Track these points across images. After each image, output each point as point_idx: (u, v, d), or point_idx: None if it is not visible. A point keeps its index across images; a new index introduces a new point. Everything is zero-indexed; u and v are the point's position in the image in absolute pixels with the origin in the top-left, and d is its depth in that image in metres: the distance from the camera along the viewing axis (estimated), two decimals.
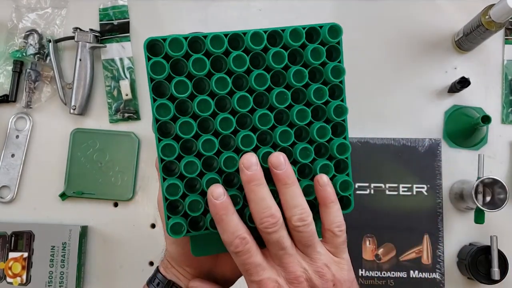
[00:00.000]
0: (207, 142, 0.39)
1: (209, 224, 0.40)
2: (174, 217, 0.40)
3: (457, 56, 0.81)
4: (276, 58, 0.39)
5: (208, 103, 0.39)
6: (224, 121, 0.39)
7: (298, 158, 0.40)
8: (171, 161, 0.40)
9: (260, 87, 0.39)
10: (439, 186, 0.75)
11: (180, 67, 0.39)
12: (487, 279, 0.71)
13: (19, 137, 0.81)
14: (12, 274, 0.76)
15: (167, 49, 0.38)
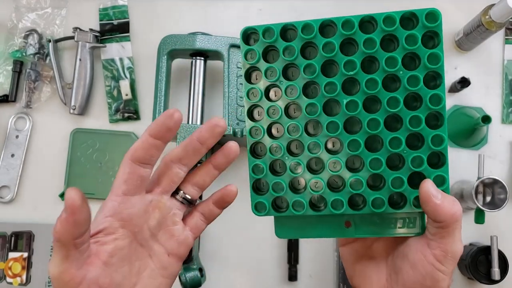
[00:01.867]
0: (292, 126, 0.41)
1: (292, 207, 0.42)
2: (258, 196, 0.42)
3: (457, 56, 0.81)
4: (368, 44, 0.40)
5: (295, 89, 0.41)
6: (310, 106, 0.41)
7: (388, 147, 0.40)
8: (258, 143, 0.42)
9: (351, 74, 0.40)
10: None
11: (269, 57, 0.42)
12: (487, 279, 0.71)
13: (19, 137, 0.81)
14: (12, 274, 0.76)
15: (261, 37, 0.41)
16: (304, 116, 0.41)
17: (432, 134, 0.40)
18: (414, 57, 0.40)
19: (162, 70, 0.73)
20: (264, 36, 0.41)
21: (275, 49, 0.41)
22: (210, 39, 0.73)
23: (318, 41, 0.40)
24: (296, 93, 0.41)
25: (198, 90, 0.74)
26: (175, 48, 0.73)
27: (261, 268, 0.78)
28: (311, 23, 0.40)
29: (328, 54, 0.40)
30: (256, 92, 0.42)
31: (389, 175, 0.40)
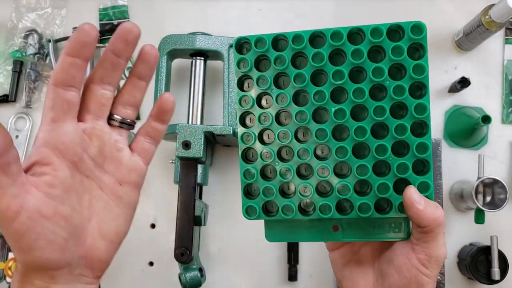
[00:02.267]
0: (282, 133, 0.43)
1: (281, 211, 0.43)
2: (249, 201, 0.44)
3: (457, 56, 0.81)
4: (356, 55, 0.41)
5: (286, 97, 0.42)
6: (300, 113, 0.42)
7: (374, 154, 0.42)
8: (249, 149, 0.44)
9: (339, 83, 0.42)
10: (439, 186, 0.75)
11: (261, 66, 0.44)
12: (487, 279, 0.71)
13: (19, 137, 0.81)
14: (12, 274, 0.76)
15: (254, 47, 0.43)
16: (294, 123, 0.42)
17: (417, 142, 0.41)
18: (400, 67, 0.42)
19: (162, 70, 0.73)
20: (256, 46, 0.43)
21: (267, 59, 0.43)
22: (210, 39, 0.73)
23: (308, 51, 0.42)
24: (286, 101, 0.42)
25: (198, 90, 0.74)
26: (175, 48, 0.73)
27: (261, 268, 0.78)
28: (301, 34, 0.42)
29: (317, 64, 0.42)
30: (248, 99, 0.43)
31: (375, 181, 0.42)
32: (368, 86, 0.41)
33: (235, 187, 0.79)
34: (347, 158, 0.42)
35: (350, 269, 0.47)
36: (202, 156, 0.67)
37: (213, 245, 0.78)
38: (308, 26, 0.83)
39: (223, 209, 0.79)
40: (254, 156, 0.44)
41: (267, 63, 0.43)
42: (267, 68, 0.43)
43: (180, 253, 0.66)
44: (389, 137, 0.41)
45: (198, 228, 0.73)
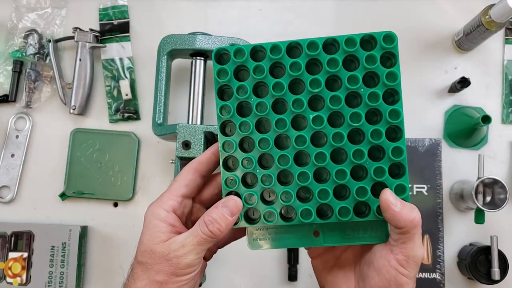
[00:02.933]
0: (263, 140, 0.44)
1: (263, 217, 0.44)
2: None
3: (457, 56, 0.81)
4: (331, 64, 0.43)
5: (265, 106, 0.43)
6: (279, 121, 0.43)
7: (352, 159, 0.43)
8: (230, 157, 0.44)
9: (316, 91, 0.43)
10: (439, 186, 0.75)
11: (241, 75, 0.45)
12: (487, 279, 0.71)
13: (19, 137, 0.81)
14: (12, 274, 0.76)
15: (233, 57, 0.44)
16: (274, 131, 0.43)
17: (392, 147, 0.42)
18: (374, 75, 0.43)
19: (162, 70, 0.73)
20: (235, 56, 0.44)
21: (246, 69, 0.44)
22: (210, 39, 0.73)
23: (286, 61, 0.43)
24: (266, 109, 0.43)
25: (198, 90, 0.74)
26: (175, 48, 0.73)
27: (261, 268, 0.78)
28: (279, 44, 0.43)
29: (294, 73, 0.43)
30: (228, 108, 0.44)
31: (353, 185, 0.43)
32: (344, 94, 0.43)
33: None
34: (325, 163, 0.43)
35: (332, 275, 0.47)
36: None
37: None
38: (308, 26, 0.83)
39: None
40: (235, 164, 0.44)
41: (246, 73, 0.44)
42: (246, 78, 0.44)
43: None
44: (365, 142, 0.43)
45: None
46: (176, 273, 0.42)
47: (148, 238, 0.43)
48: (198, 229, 0.42)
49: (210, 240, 0.42)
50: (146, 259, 0.43)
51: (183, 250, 0.42)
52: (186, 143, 0.67)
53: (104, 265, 0.79)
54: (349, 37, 0.43)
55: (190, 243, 0.42)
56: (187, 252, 0.42)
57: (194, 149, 0.67)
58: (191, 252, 0.42)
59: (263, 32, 0.83)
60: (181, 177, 0.45)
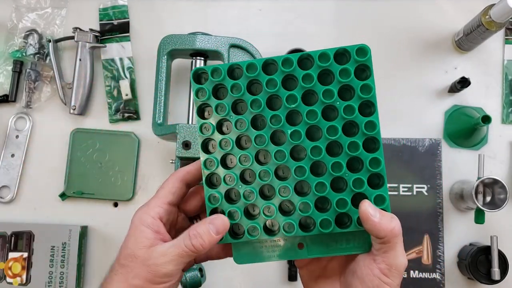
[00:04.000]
0: (243, 156, 0.44)
1: (247, 232, 0.44)
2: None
3: (457, 56, 0.81)
4: (306, 79, 0.43)
5: (244, 122, 0.44)
6: (258, 137, 0.44)
7: (331, 171, 0.43)
8: (213, 174, 0.45)
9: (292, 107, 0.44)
10: (439, 186, 0.75)
11: (220, 93, 0.45)
12: (487, 279, 0.71)
13: (19, 137, 0.81)
14: (12, 274, 0.76)
15: (210, 77, 0.44)
16: (254, 146, 0.44)
17: (369, 158, 0.43)
18: (349, 88, 0.44)
19: (162, 70, 0.73)
20: (212, 76, 0.44)
21: (224, 87, 0.45)
22: (210, 39, 0.73)
23: (262, 78, 0.44)
24: (245, 126, 0.44)
25: None
26: (175, 48, 0.73)
27: (261, 268, 0.78)
28: (254, 62, 0.44)
29: (271, 90, 0.44)
30: (208, 126, 0.45)
31: (334, 197, 0.43)
32: (320, 108, 0.43)
33: None
34: (305, 177, 0.43)
35: (319, 285, 0.48)
36: None
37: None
38: (308, 26, 0.83)
39: None
40: (218, 180, 0.45)
41: (224, 91, 0.45)
42: (225, 96, 0.45)
43: None
44: (343, 154, 0.43)
45: None
46: (153, 280, 0.42)
47: (133, 242, 0.44)
48: (182, 241, 0.43)
49: (191, 254, 0.42)
50: (127, 262, 0.43)
51: (163, 259, 0.42)
52: (186, 143, 0.67)
53: (104, 265, 0.79)
54: (322, 52, 0.43)
55: (171, 253, 0.42)
56: (167, 261, 0.42)
57: (194, 149, 0.67)
58: (170, 263, 0.42)
59: (263, 32, 0.83)
60: (169, 185, 0.46)
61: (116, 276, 0.44)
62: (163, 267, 0.42)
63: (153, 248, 0.43)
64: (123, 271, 0.43)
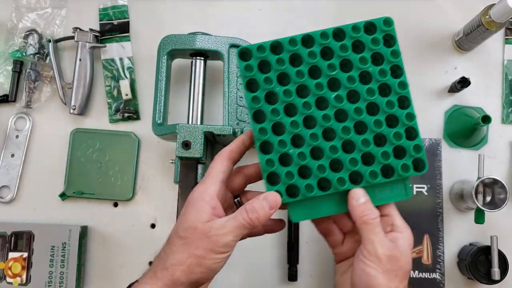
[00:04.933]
0: (292, 122, 0.49)
1: (303, 191, 0.49)
2: (273, 187, 0.49)
3: (457, 56, 0.81)
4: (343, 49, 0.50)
5: (290, 92, 0.49)
6: (304, 104, 0.49)
7: (373, 128, 0.49)
8: (265, 141, 0.50)
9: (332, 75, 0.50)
10: (439, 186, 0.75)
11: (265, 68, 0.50)
12: (487, 279, 0.71)
13: (19, 137, 0.81)
14: (12, 274, 0.76)
15: (255, 53, 0.50)
16: (301, 113, 0.49)
17: (404, 113, 0.49)
18: (378, 56, 0.50)
19: (162, 70, 0.73)
20: (257, 52, 0.50)
21: (268, 63, 0.50)
22: (210, 39, 0.73)
23: (302, 51, 0.50)
24: (291, 95, 0.49)
25: (198, 90, 0.74)
26: (175, 48, 0.73)
27: (261, 268, 0.78)
28: (294, 38, 0.50)
29: (312, 60, 0.49)
30: (257, 98, 0.49)
31: (377, 151, 0.49)
32: (356, 73, 0.49)
33: None
34: (350, 135, 0.49)
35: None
36: (202, 156, 0.67)
37: None
38: (308, 26, 0.82)
39: None
40: (270, 147, 0.49)
41: (269, 66, 0.50)
42: (270, 70, 0.50)
43: None
44: (381, 112, 0.49)
45: None
46: (214, 250, 0.46)
47: (193, 216, 0.47)
48: (239, 215, 0.47)
49: (248, 226, 0.47)
50: (188, 234, 0.47)
51: (223, 230, 0.46)
52: (186, 143, 0.67)
53: (104, 265, 0.79)
54: (354, 24, 0.50)
55: (230, 225, 0.47)
56: (226, 232, 0.46)
57: (194, 149, 0.67)
58: (230, 234, 0.46)
59: (263, 32, 0.83)
60: (218, 164, 0.50)
61: (176, 247, 0.47)
62: (224, 237, 0.46)
63: (213, 222, 0.47)
64: (183, 242, 0.47)
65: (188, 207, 0.49)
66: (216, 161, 0.51)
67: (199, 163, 0.70)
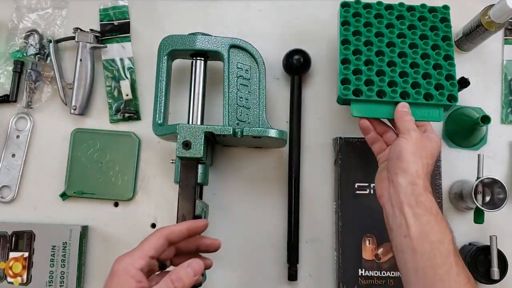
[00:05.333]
0: (369, 49, 0.70)
1: (365, 94, 0.67)
2: (344, 86, 0.67)
3: (457, 56, 0.81)
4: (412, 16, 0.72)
5: (371, 30, 0.71)
6: (380, 41, 0.70)
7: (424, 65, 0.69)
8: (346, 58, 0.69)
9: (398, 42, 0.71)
10: (438, 186, 0.75)
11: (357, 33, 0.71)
12: (486, 279, 0.71)
13: (20, 137, 0.81)
14: (13, 274, 0.76)
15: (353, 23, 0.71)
16: (376, 45, 0.70)
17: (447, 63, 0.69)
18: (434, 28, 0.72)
19: (162, 71, 0.74)
20: (354, 20, 0.71)
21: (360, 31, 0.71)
22: (210, 40, 0.73)
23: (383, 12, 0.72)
24: (372, 32, 0.71)
25: (198, 91, 0.75)
26: (175, 49, 0.73)
27: (261, 268, 0.78)
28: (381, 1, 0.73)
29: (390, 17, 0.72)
30: (347, 49, 0.69)
31: (423, 82, 0.68)
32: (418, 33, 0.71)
33: (235, 187, 0.80)
34: (406, 67, 0.68)
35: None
36: (202, 156, 0.67)
37: None
38: (308, 26, 0.83)
39: (223, 209, 0.79)
40: (348, 62, 0.69)
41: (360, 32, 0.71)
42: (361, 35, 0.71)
43: None
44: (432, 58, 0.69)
45: None
46: None
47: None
48: (164, 285, 0.49)
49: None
50: None
51: None
52: (186, 143, 0.67)
53: (104, 264, 0.79)
54: (422, 4, 0.73)
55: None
56: None
57: (194, 149, 0.67)
58: None
59: (263, 32, 0.83)
60: (153, 240, 0.53)
61: None
62: None
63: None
64: None
65: (112, 280, 0.49)
66: (153, 236, 0.53)
67: (199, 163, 0.70)
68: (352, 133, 0.78)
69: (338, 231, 0.74)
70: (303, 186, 0.79)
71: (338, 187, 0.75)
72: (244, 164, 0.80)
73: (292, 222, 0.76)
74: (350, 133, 0.79)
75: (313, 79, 0.82)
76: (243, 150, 0.81)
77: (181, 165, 0.69)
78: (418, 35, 0.70)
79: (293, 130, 0.78)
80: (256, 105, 0.73)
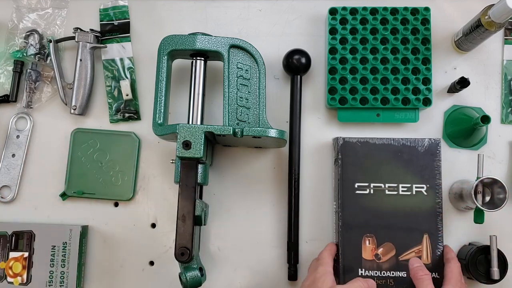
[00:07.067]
0: (353, 58, 0.78)
1: (350, 103, 0.76)
2: (331, 96, 0.77)
3: (456, 56, 0.82)
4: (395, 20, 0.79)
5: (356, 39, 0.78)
6: (364, 50, 0.78)
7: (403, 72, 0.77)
8: (334, 67, 0.77)
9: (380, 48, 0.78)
10: (438, 186, 0.75)
11: (343, 41, 0.78)
12: (486, 279, 0.71)
13: (20, 137, 0.81)
14: (13, 274, 0.76)
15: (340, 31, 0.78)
16: (360, 53, 0.77)
17: (424, 67, 0.77)
18: (415, 31, 0.78)
19: (162, 71, 0.74)
20: (342, 29, 0.78)
21: (347, 39, 0.78)
22: (210, 40, 0.73)
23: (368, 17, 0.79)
24: (357, 40, 0.78)
25: (198, 90, 0.75)
26: (175, 49, 0.73)
27: (261, 268, 0.78)
28: (366, 7, 0.78)
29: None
30: (334, 58, 0.77)
31: (402, 87, 0.76)
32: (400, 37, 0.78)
33: (235, 187, 0.80)
34: (387, 74, 0.76)
35: None
36: (202, 156, 0.67)
37: (213, 244, 0.79)
38: (308, 26, 0.83)
39: (223, 209, 0.79)
40: (335, 71, 0.77)
41: (347, 40, 0.78)
42: (347, 43, 0.78)
43: (180, 252, 0.66)
44: (410, 64, 0.77)
45: (198, 227, 0.73)
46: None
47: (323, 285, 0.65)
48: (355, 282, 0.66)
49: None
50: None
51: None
52: (186, 143, 0.67)
53: (104, 264, 0.79)
54: (405, 7, 0.78)
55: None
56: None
57: (194, 149, 0.67)
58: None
59: (263, 32, 0.83)
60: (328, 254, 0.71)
61: None
62: None
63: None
64: None
65: (314, 281, 0.66)
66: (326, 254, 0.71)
67: (199, 163, 0.70)
68: (352, 133, 0.78)
69: (338, 231, 0.74)
70: (303, 186, 0.79)
71: (338, 187, 0.75)
72: (244, 164, 0.80)
73: (292, 222, 0.76)
74: (350, 133, 0.79)
75: (313, 79, 0.82)
76: (243, 150, 0.81)
77: (181, 165, 0.69)
78: (399, 40, 0.77)
79: (293, 130, 0.78)
80: (256, 105, 0.73)
